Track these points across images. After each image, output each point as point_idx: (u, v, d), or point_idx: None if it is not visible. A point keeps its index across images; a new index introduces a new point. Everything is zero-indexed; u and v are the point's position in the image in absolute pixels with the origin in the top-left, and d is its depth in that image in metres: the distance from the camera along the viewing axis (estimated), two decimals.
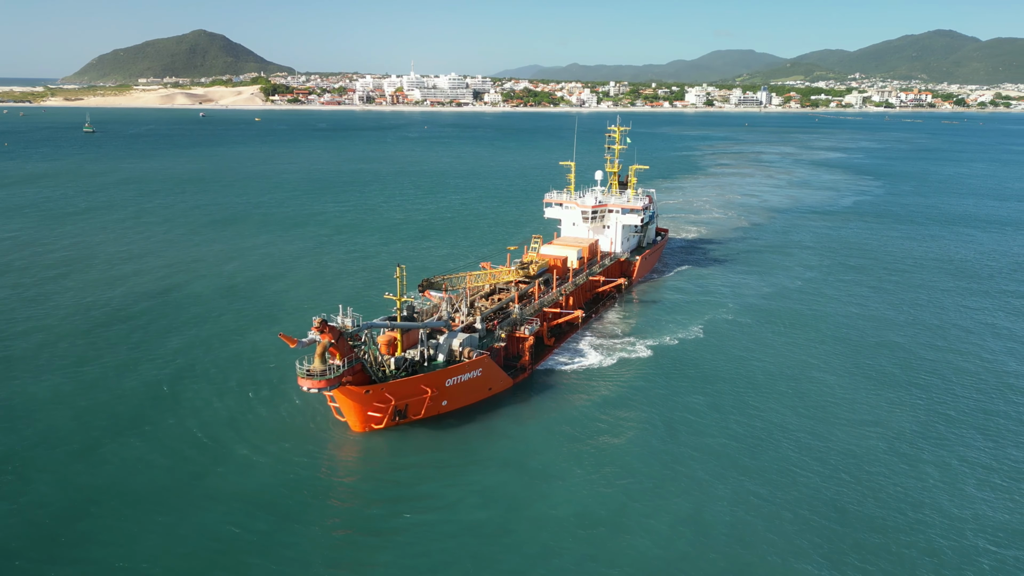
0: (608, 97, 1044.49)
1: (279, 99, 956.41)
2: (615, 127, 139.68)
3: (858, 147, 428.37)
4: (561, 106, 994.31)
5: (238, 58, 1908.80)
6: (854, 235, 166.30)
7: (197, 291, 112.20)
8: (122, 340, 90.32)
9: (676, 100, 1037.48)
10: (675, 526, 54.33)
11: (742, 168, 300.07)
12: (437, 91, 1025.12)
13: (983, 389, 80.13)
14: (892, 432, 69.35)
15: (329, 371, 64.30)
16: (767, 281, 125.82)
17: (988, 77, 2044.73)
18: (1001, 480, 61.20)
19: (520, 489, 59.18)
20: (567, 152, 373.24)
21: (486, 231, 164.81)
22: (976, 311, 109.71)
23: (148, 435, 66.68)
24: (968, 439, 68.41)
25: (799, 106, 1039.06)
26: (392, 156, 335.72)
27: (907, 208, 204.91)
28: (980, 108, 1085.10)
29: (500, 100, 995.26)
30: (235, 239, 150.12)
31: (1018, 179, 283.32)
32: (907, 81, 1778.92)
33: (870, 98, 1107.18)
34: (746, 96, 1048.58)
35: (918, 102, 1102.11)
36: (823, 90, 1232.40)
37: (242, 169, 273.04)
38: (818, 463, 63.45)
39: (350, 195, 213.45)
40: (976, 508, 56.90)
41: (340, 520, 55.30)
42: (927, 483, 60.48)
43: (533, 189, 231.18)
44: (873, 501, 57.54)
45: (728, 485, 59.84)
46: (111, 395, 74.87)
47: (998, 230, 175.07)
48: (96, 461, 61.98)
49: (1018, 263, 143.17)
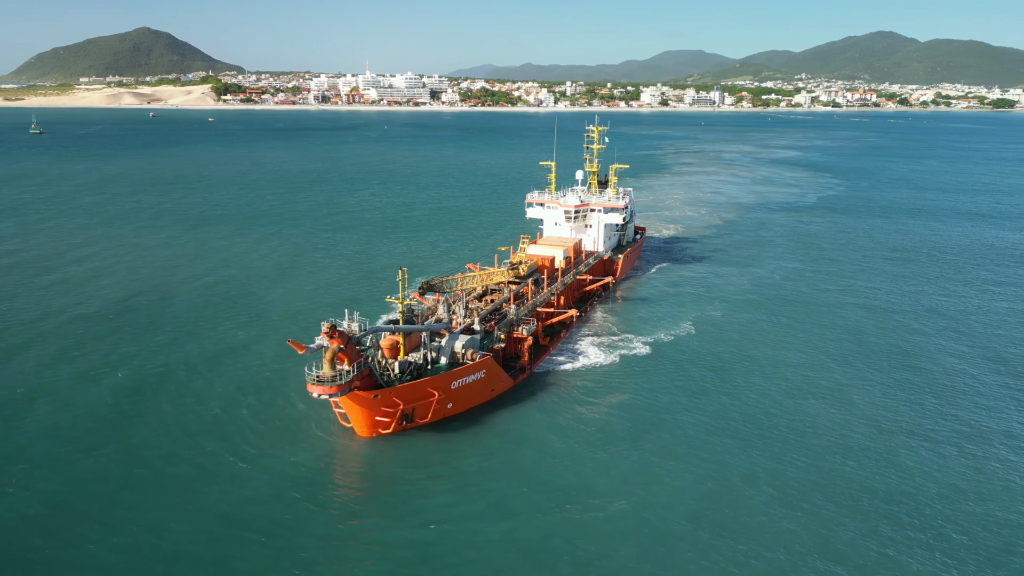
0: (565, 97, 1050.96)
1: (231, 98, 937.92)
2: (593, 127, 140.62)
3: (813, 145, 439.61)
4: (519, 106, 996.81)
5: (184, 57, 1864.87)
6: (822, 229, 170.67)
7: (179, 295, 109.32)
8: (109, 349, 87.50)
9: (632, 100, 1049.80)
10: (694, 523, 55.04)
11: (706, 166, 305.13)
12: (393, 90, 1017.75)
13: (960, 359, 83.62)
14: (887, 409, 72.05)
15: (339, 377, 63.22)
16: (747, 275, 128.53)
17: (927, 77, 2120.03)
18: (974, 446, 63.88)
19: (533, 491, 58.81)
20: (532, 151, 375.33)
21: (466, 231, 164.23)
22: (950, 294, 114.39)
23: (149, 444, 64.82)
24: (942, 407, 71.62)
25: (751, 106, 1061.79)
26: (358, 157, 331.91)
27: (869, 203, 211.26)
28: (922, 107, 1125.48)
29: (458, 99, 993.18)
30: (212, 241, 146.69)
31: (968, 173, 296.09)
32: (851, 81, 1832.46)
33: (818, 98, 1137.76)
34: (700, 96, 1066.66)
35: (864, 101, 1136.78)
36: (773, 90, 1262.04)
37: (206, 170, 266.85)
38: (819, 447, 65.11)
39: (321, 196, 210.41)
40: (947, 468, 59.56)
41: (353, 528, 54.11)
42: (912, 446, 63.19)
43: (505, 188, 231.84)
44: (897, 475, 59.61)
45: (738, 472, 60.92)
46: (104, 406, 72.44)
47: (959, 221, 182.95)
48: (92, 474, 59.99)
49: (983, 249, 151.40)
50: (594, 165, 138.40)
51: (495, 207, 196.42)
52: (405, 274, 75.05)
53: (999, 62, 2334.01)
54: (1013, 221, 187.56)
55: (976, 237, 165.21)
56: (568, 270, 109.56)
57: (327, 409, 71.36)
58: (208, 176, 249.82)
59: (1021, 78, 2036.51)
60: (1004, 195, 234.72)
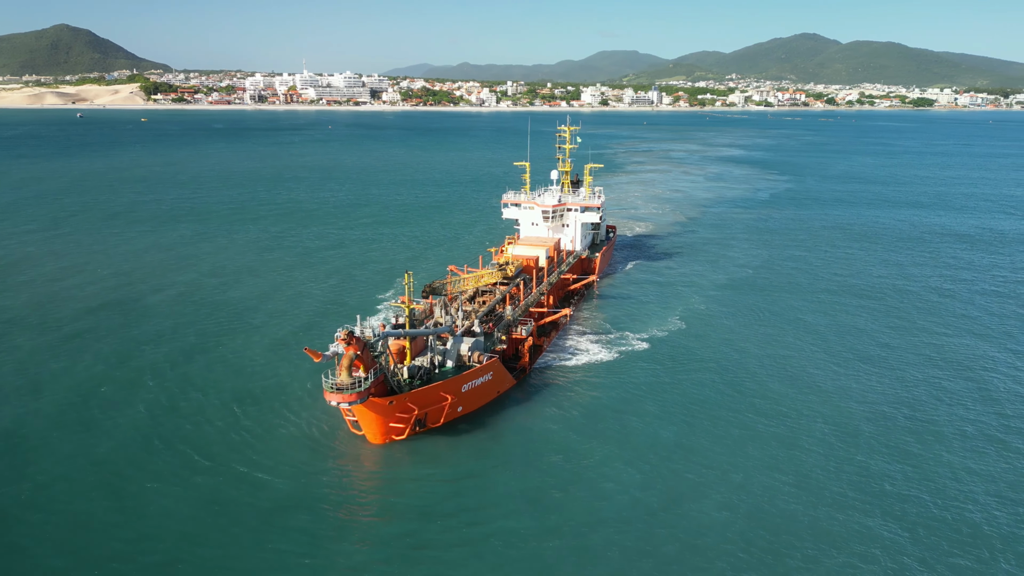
0: (507, 97, 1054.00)
1: (162, 98, 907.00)
2: (565, 127, 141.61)
3: (754, 143, 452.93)
4: (461, 105, 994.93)
5: (106, 55, 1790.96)
6: (781, 224, 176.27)
7: (155, 303, 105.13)
8: (96, 359, 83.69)
9: (573, 100, 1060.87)
10: (728, 511, 56.14)
11: (658, 165, 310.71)
12: (332, 89, 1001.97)
13: (928, 335, 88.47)
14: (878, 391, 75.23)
15: (358, 384, 61.97)
16: (720, 269, 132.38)
17: (849, 77, 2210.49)
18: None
19: (549, 489, 58.72)
20: (485, 151, 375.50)
21: (438, 232, 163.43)
22: (911, 272, 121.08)
23: (154, 456, 62.42)
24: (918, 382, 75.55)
25: (688, 105, 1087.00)
26: (309, 158, 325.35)
27: (819, 197, 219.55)
28: (848, 106, 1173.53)
29: (399, 99, 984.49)
30: (178, 246, 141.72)
31: (903, 167, 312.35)
32: (778, 81, 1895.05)
33: (751, 97, 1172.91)
34: (638, 96, 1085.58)
35: (794, 101, 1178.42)
36: (708, 90, 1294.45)
37: (153, 171, 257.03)
38: (825, 432, 67.35)
39: (280, 197, 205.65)
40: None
41: (375, 537, 52.92)
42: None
43: (467, 188, 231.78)
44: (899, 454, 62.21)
45: (757, 461, 62.46)
46: (100, 424, 69.31)
47: (904, 210, 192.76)
48: (101, 486, 57.65)
49: (924, 233, 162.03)
50: (567, 165, 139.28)
51: (462, 208, 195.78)
52: (411, 277, 74.13)
53: (915, 63, 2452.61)
54: (953, 208, 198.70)
55: (922, 224, 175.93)
56: (552, 270, 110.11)
57: (331, 418, 69.83)
58: (152, 177, 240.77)
59: (936, 78, 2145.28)
60: (939, 185, 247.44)
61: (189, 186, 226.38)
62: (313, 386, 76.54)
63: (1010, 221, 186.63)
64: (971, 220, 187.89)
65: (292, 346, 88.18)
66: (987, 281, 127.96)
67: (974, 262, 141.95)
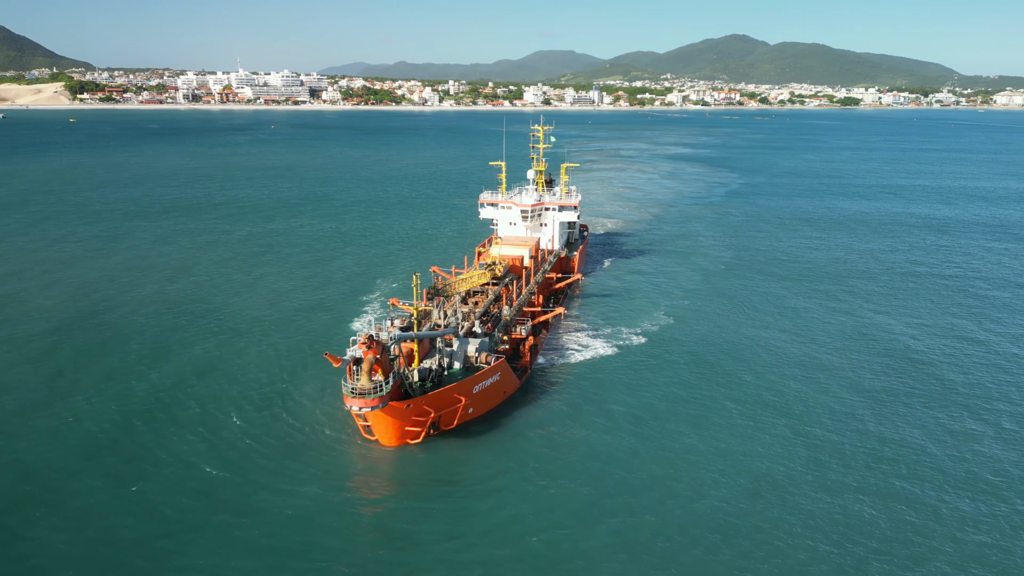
0: (449, 96, 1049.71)
1: (89, 97, 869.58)
2: (538, 127, 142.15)
3: (699, 142, 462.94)
4: (403, 104, 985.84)
5: (23, 52, 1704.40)
6: (742, 220, 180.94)
7: (131, 311, 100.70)
8: (88, 367, 79.74)
9: (515, 99, 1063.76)
10: (753, 500, 57.30)
11: (611, 163, 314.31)
12: (270, 89, 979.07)
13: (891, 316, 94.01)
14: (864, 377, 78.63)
15: (378, 388, 60.94)
16: (695, 264, 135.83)
17: (777, 77, 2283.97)
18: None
19: (576, 490, 58.56)
20: (437, 150, 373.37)
21: (410, 233, 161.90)
22: (867, 259, 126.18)
23: (163, 469, 59.95)
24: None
25: (628, 105, 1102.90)
26: (259, 159, 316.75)
27: (773, 192, 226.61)
28: (780, 105, 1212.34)
29: (339, 98, 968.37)
30: (143, 250, 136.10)
31: (848, 162, 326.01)
32: (711, 81, 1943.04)
33: (688, 97, 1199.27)
34: (580, 95, 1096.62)
35: (729, 100, 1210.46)
36: (647, 89, 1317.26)
37: (92, 174, 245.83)
38: (830, 419, 69.64)
39: (238, 200, 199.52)
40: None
41: (399, 545, 51.85)
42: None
43: (429, 188, 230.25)
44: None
45: (767, 448, 63.86)
46: (100, 435, 66.14)
47: (856, 202, 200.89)
48: (109, 501, 55.15)
49: (875, 221, 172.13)
50: (541, 164, 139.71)
51: (428, 208, 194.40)
52: (419, 279, 73.33)
53: (839, 63, 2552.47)
54: (896, 197, 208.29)
55: (876, 212, 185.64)
56: (537, 269, 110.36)
57: (337, 423, 68.38)
58: (99, 180, 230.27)
59: (858, 78, 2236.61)
60: (884, 177, 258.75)
61: (139, 188, 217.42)
62: (314, 390, 75.01)
63: (949, 208, 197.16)
64: (917, 208, 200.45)
65: (283, 350, 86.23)
66: (937, 261, 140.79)
67: (928, 244, 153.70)
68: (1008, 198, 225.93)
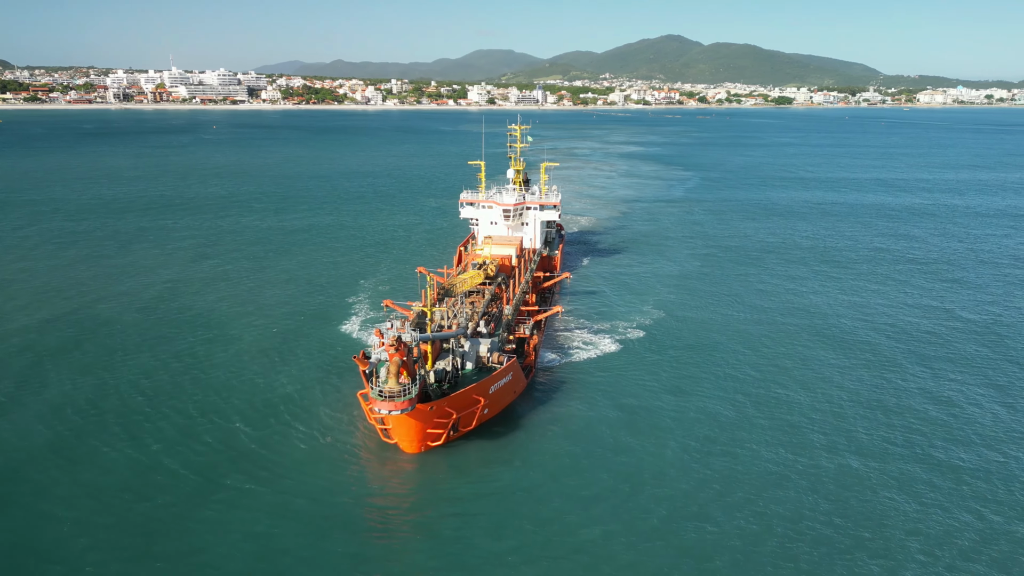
0: (392, 95, 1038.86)
1: (12, 97, 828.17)
2: (515, 126, 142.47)
3: (648, 140, 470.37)
4: (346, 104, 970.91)
5: None
6: (707, 216, 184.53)
7: (116, 316, 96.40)
8: (67, 388, 75.94)
9: (460, 98, 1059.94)
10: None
11: (568, 162, 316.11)
12: (206, 88, 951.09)
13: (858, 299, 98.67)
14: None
15: (406, 391, 60.23)
16: (671, 256, 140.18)
17: (712, 77, 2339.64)
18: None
19: (603, 487, 58.65)
20: (391, 151, 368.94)
21: (385, 233, 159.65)
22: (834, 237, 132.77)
23: (176, 483, 57.81)
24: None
25: (571, 104, 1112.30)
26: (209, 160, 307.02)
27: (731, 187, 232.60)
28: (719, 104, 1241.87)
29: (280, 97, 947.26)
30: (120, 256, 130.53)
31: (792, 156, 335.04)
32: (649, 80, 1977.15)
33: (630, 96, 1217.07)
34: (524, 95, 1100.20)
35: (669, 100, 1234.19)
36: (590, 89, 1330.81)
37: (31, 179, 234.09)
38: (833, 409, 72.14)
39: (197, 203, 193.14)
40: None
41: (451, 552, 51.51)
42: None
43: (394, 189, 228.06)
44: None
45: (798, 439, 65.69)
46: (109, 461, 63.21)
47: (812, 192, 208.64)
48: (121, 517, 53.00)
49: (829, 209, 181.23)
50: (520, 163, 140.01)
51: (398, 209, 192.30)
52: (432, 279, 72.66)
53: (769, 64, 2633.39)
54: (846, 189, 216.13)
55: (832, 201, 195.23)
56: (524, 268, 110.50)
57: (351, 428, 67.21)
58: (44, 184, 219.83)
59: (788, 77, 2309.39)
60: (831, 171, 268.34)
61: (92, 189, 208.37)
62: (318, 395, 73.63)
63: (894, 197, 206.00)
64: (867, 198, 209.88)
65: (277, 356, 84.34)
66: (881, 239, 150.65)
67: (883, 229, 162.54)
68: (950, 189, 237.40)
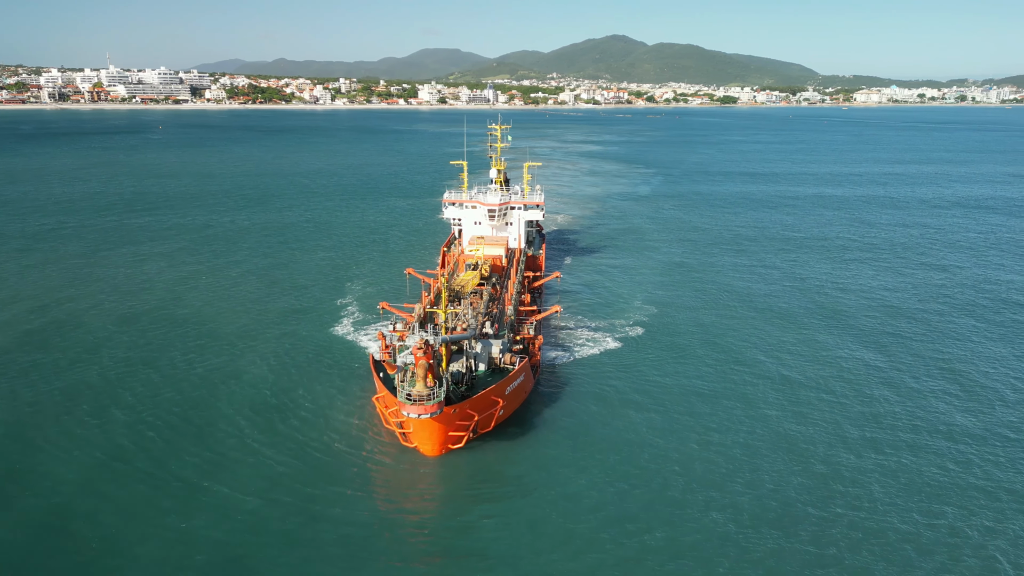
0: (341, 94, 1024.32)
1: None
2: (496, 125, 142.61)
3: (603, 140, 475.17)
4: (294, 103, 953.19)
5: None
6: (676, 212, 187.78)
7: (102, 325, 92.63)
8: (62, 404, 72.75)
9: (410, 97, 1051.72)
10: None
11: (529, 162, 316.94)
12: (146, 87, 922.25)
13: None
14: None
15: (434, 394, 59.83)
16: (652, 253, 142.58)
17: (657, 76, 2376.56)
18: None
19: (627, 487, 58.69)
20: (350, 150, 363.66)
21: (364, 234, 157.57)
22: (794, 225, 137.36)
23: (199, 497, 56.05)
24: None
25: (522, 103, 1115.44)
26: (162, 163, 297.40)
27: (694, 183, 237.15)
28: (667, 104, 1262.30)
29: (225, 97, 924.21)
30: (97, 263, 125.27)
31: (745, 154, 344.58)
32: (595, 80, 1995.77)
33: (580, 96, 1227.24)
34: (475, 94, 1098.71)
35: (619, 99, 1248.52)
36: (540, 88, 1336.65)
37: None
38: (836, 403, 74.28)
39: (161, 204, 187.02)
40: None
41: (489, 556, 50.87)
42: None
43: (362, 190, 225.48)
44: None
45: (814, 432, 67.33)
46: (125, 475, 60.92)
47: (771, 185, 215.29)
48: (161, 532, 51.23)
49: (790, 201, 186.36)
50: (501, 163, 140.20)
51: (373, 210, 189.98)
52: (430, 282, 72.15)
53: (712, 63, 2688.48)
54: (798, 182, 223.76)
55: (793, 194, 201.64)
56: (514, 268, 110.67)
57: (359, 432, 66.16)
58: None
59: (730, 77, 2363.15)
60: (785, 166, 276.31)
61: (41, 194, 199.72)
62: (322, 401, 72.18)
63: (850, 188, 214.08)
64: (828, 189, 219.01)
65: (274, 362, 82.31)
66: (846, 225, 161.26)
67: (845, 217, 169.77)
68: (897, 181, 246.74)
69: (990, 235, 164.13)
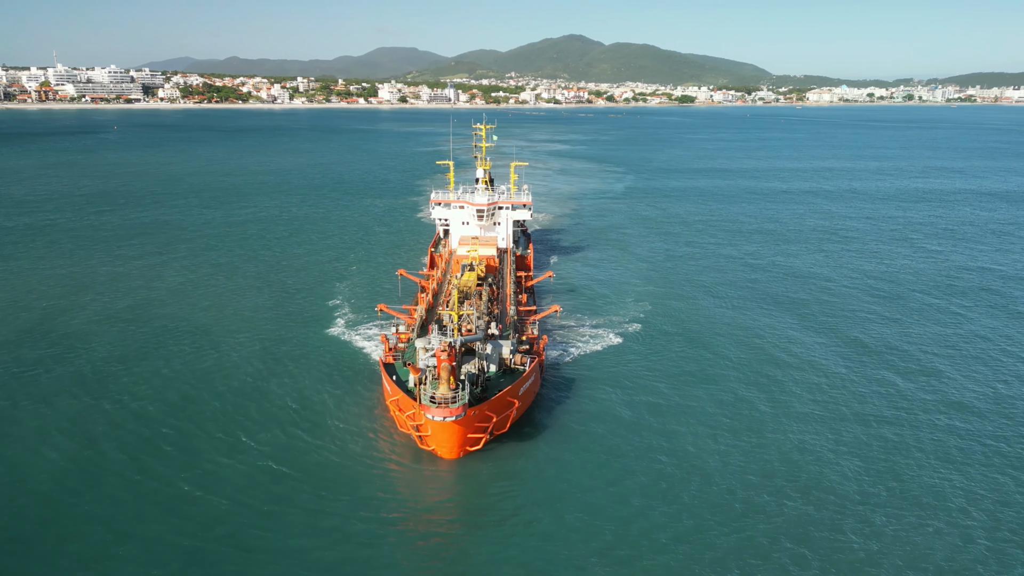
0: (300, 93, 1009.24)
1: None
2: (480, 125, 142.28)
3: (570, 139, 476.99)
4: (251, 102, 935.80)
5: None
6: (657, 206, 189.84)
7: (89, 331, 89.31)
8: (62, 415, 70.03)
9: (371, 96, 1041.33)
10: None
11: (501, 161, 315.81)
12: (96, 86, 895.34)
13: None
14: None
15: (459, 397, 59.29)
16: (637, 250, 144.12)
17: (614, 76, 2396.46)
18: None
19: (649, 485, 58.77)
20: (318, 149, 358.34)
21: (348, 235, 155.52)
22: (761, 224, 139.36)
23: (216, 506, 54.66)
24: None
25: (484, 103, 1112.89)
26: (124, 165, 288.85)
27: (667, 181, 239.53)
28: (627, 103, 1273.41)
29: (179, 96, 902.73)
30: (76, 267, 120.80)
31: (713, 152, 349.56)
32: (554, 80, 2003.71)
33: (541, 95, 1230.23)
34: (436, 93, 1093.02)
35: (579, 99, 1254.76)
36: (501, 88, 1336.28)
37: None
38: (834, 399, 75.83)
39: (132, 205, 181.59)
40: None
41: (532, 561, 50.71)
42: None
43: (337, 191, 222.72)
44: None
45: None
46: (141, 488, 58.92)
47: (742, 180, 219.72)
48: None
49: (762, 194, 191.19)
50: (487, 163, 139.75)
51: (350, 210, 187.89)
52: (454, 281, 71.45)
53: (667, 64, 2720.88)
54: (767, 178, 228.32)
55: (759, 189, 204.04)
56: (506, 268, 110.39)
57: (371, 436, 65.18)
58: None
59: (686, 77, 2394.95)
60: (748, 161, 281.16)
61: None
62: (334, 403, 71.03)
63: (815, 182, 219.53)
64: (795, 183, 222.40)
65: (282, 365, 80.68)
66: (814, 217, 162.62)
67: (821, 210, 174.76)
68: (862, 175, 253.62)
69: (957, 224, 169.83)
